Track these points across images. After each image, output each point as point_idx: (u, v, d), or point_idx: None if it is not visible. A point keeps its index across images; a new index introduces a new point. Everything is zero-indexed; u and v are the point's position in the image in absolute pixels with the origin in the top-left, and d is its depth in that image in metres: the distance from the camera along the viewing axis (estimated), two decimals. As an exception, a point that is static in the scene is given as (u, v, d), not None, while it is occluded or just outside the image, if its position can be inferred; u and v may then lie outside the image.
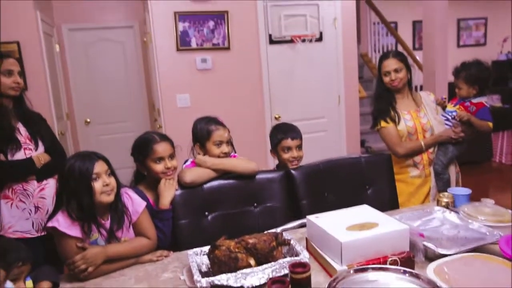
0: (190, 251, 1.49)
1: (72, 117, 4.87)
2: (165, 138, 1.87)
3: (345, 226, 1.44)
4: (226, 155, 1.97)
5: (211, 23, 3.80)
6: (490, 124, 2.42)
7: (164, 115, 3.85)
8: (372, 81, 6.32)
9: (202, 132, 1.96)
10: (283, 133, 2.19)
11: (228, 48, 3.92)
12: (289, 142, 2.16)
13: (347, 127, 4.57)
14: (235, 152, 2.08)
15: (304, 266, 1.20)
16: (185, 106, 3.87)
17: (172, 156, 1.85)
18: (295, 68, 4.25)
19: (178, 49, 3.77)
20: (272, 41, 4.09)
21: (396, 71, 2.40)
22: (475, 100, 2.44)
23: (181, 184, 1.84)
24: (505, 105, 7.51)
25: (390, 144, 2.46)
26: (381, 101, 2.50)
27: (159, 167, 1.81)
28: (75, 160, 1.50)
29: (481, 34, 8.01)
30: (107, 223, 1.56)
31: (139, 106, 5.19)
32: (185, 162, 1.98)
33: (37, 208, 2.01)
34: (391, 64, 2.41)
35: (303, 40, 4.16)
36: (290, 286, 1.14)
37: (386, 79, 2.44)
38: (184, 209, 1.81)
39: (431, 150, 2.45)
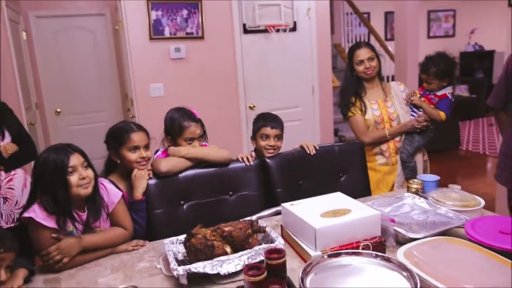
0: (166, 240, 1.49)
1: (41, 107, 4.73)
2: (141, 128, 1.86)
3: (319, 213, 1.47)
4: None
5: (184, 12, 3.75)
6: (442, 114, 2.50)
7: (137, 105, 3.80)
8: (344, 71, 6.40)
9: (174, 127, 1.96)
10: (264, 120, 2.24)
11: (202, 37, 3.88)
12: (268, 130, 2.20)
13: (321, 117, 4.62)
14: (207, 142, 2.08)
15: (279, 252, 1.22)
16: (158, 95, 3.82)
17: (147, 147, 1.85)
18: (269, 57, 4.26)
19: (151, 38, 3.71)
20: (246, 31, 4.08)
21: (369, 59, 2.45)
22: (439, 93, 2.53)
23: (156, 174, 1.83)
24: (472, 95, 7.76)
25: (357, 133, 2.54)
26: (349, 90, 2.55)
27: (133, 156, 1.80)
28: (50, 153, 1.47)
29: (450, 25, 8.21)
30: (84, 215, 1.55)
31: (111, 95, 5.09)
32: (156, 152, 1.97)
33: (5, 199, 1.97)
34: (365, 53, 2.46)
35: (277, 30, 4.16)
36: (266, 272, 1.16)
37: (360, 68, 2.48)
38: (159, 198, 1.81)
39: (397, 138, 2.52)
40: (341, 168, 2.21)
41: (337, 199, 1.62)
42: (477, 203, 1.66)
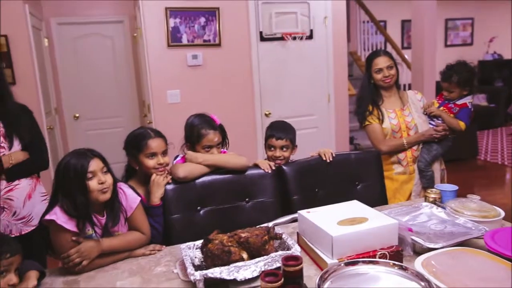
0: (183, 245, 1.51)
1: (60, 112, 4.83)
2: (159, 134, 1.89)
3: (336, 221, 1.47)
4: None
5: (202, 20, 3.80)
6: (462, 124, 2.48)
7: (154, 111, 3.85)
8: (361, 79, 6.38)
9: (193, 134, 1.98)
10: (271, 131, 2.25)
11: (219, 45, 3.92)
12: (273, 141, 2.22)
13: (337, 124, 4.61)
14: (227, 148, 2.10)
15: (296, 259, 1.22)
16: (175, 102, 3.87)
17: (165, 153, 1.87)
18: (286, 65, 4.28)
19: (169, 45, 3.77)
20: (263, 38, 4.11)
21: (388, 68, 2.45)
22: (459, 102, 2.51)
23: (174, 179, 1.86)
24: (491, 104, 7.65)
25: (374, 141, 2.52)
26: (367, 99, 2.55)
27: (151, 163, 1.82)
28: (70, 158, 1.50)
29: (468, 34, 8.13)
30: (103, 219, 1.57)
31: (129, 101, 5.16)
32: (175, 158, 2.00)
33: (1, 208, 1.91)
34: (384, 61, 2.45)
35: (294, 38, 4.18)
36: (282, 278, 1.16)
37: (379, 76, 2.48)
38: (177, 204, 1.82)
39: (415, 147, 2.50)
40: (357, 176, 2.20)
41: (354, 207, 1.62)
42: (496, 213, 1.63)
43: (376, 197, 2.18)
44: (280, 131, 2.23)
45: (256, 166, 2.04)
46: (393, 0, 7.23)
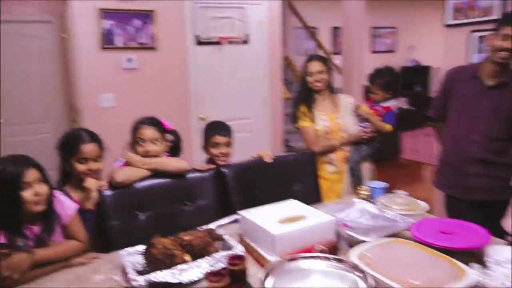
0: (123, 251, 1.48)
1: (-19, 117, 4.46)
2: (94, 138, 1.83)
3: (276, 219, 1.52)
4: (154, 154, 1.96)
5: (137, 22, 3.72)
6: (388, 126, 2.67)
7: (86, 115, 3.69)
8: (293, 83, 6.58)
9: (133, 132, 1.96)
10: (214, 129, 2.29)
11: (154, 48, 3.86)
12: (217, 138, 2.25)
13: (272, 128, 4.71)
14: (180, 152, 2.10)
15: (240, 258, 1.26)
16: (109, 106, 3.74)
17: (98, 158, 1.82)
18: (222, 69, 4.31)
19: (102, 48, 3.64)
20: (199, 42, 4.11)
21: (320, 72, 2.56)
22: (385, 104, 2.69)
23: (112, 184, 1.81)
24: (412, 108, 8.22)
25: (307, 142, 2.62)
26: (301, 101, 2.65)
27: (82, 168, 1.78)
28: (5, 165, 1.42)
29: (391, 41, 8.68)
30: (36, 229, 1.50)
31: (57, 106, 4.88)
32: (115, 162, 1.95)
33: None
34: (316, 66, 2.56)
35: (230, 42, 4.23)
36: (228, 277, 1.19)
37: (310, 79, 2.59)
38: (116, 209, 1.78)
39: (346, 148, 2.65)
40: (294, 176, 2.29)
41: (292, 206, 1.68)
42: (420, 207, 1.79)
43: (312, 196, 2.27)
44: (223, 129, 2.28)
45: (195, 170, 2.05)
46: (324, 8, 7.53)
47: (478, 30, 2.99)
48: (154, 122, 1.99)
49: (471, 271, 1.20)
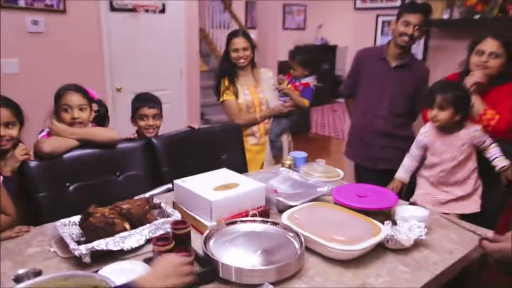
0: (58, 223, 1.46)
1: None
2: (6, 103, 1.69)
3: (211, 187, 1.60)
4: (80, 122, 1.90)
5: (44, -19, 3.42)
6: (305, 101, 2.88)
7: (-16, 82, 3.36)
8: (210, 56, 6.57)
9: (56, 99, 1.89)
10: (141, 101, 2.26)
11: (63, 11, 3.59)
12: (145, 110, 2.24)
13: (188, 100, 4.71)
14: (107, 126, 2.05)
15: (184, 223, 1.33)
16: (12, 72, 3.43)
17: (8, 124, 1.67)
18: (138, 38, 4.16)
19: (1, 6, 3.30)
20: (113, 8, 3.91)
21: (244, 49, 2.64)
22: (304, 80, 2.88)
23: (38, 155, 1.73)
24: (319, 84, 8.70)
25: (230, 115, 2.72)
26: (224, 75, 2.72)
27: None
28: None
29: (301, 19, 9.00)
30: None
31: None
32: (40, 132, 1.85)
33: None
34: (240, 42, 2.63)
35: (146, 10, 4.10)
36: (173, 241, 1.25)
37: (234, 55, 2.66)
38: (43, 181, 1.71)
39: (267, 121, 2.79)
40: (221, 147, 2.37)
41: (224, 175, 1.78)
42: (337, 174, 1.99)
43: (239, 166, 2.38)
44: (150, 101, 2.27)
45: (125, 140, 2.03)
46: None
47: (384, 15, 3.28)
48: (80, 89, 1.92)
49: (384, 228, 1.41)
